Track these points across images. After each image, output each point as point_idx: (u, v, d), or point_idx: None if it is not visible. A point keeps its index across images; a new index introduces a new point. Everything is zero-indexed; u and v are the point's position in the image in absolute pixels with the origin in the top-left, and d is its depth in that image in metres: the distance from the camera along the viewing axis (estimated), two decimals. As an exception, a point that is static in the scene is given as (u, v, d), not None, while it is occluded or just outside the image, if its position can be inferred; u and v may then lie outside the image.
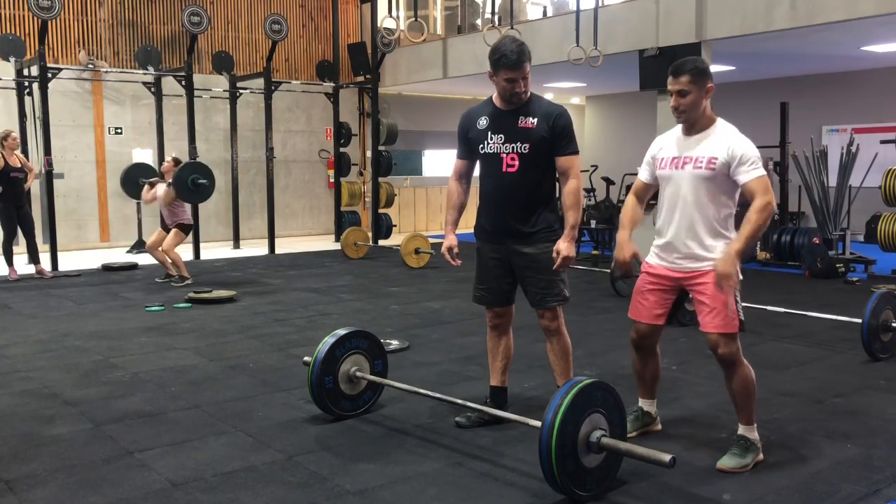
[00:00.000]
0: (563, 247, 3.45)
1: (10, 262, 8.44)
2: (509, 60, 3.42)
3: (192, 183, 8.15)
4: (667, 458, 2.70)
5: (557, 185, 3.68)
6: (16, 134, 8.47)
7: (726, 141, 3.20)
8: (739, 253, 3.05)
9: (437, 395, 3.67)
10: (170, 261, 8.13)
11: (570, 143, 3.52)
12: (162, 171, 8.40)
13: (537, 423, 2.87)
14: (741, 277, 3.13)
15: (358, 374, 3.82)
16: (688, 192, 3.24)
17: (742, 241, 3.06)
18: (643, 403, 3.62)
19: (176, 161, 8.31)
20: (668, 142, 3.38)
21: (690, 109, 3.22)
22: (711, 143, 3.22)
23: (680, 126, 3.34)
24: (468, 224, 3.79)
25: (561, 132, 3.49)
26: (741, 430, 3.27)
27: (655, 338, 3.47)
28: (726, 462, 3.19)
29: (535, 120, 3.49)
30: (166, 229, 8.08)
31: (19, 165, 8.29)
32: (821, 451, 3.39)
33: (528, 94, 3.55)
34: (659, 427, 3.66)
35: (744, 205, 3.19)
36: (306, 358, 3.83)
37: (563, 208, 3.54)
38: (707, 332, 3.21)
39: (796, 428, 3.69)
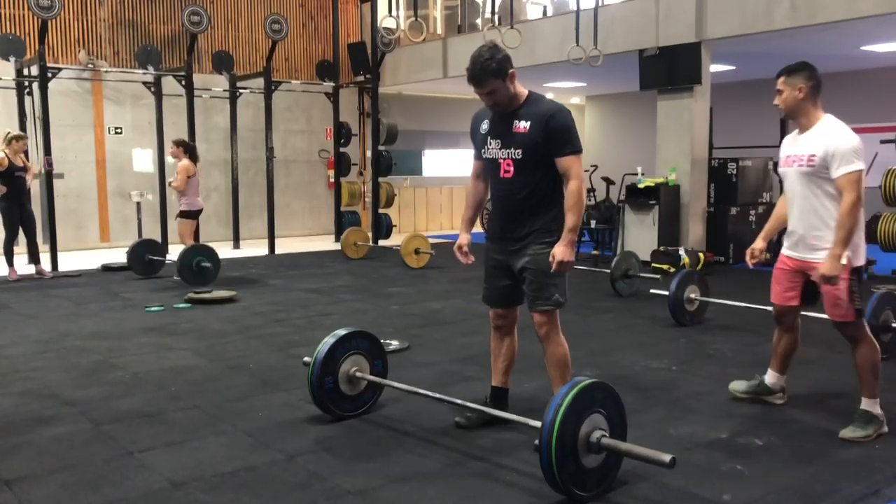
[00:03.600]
0: (559, 251, 3.35)
1: (10, 262, 8.46)
2: (469, 75, 3.34)
3: (196, 266, 7.83)
4: (667, 458, 2.70)
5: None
6: (26, 138, 8.58)
7: (824, 137, 3.51)
8: (836, 256, 3.40)
9: (437, 395, 3.67)
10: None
11: (566, 143, 3.35)
12: (172, 156, 8.46)
13: (537, 424, 2.87)
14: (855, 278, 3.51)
15: (358, 374, 3.82)
16: (798, 187, 3.61)
17: (838, 245, 3.39)
18: (769, 375, 4.01)
19: (178, 143, 8.36)
20: (788, 141, 3.76)
21: (786, 107, 3.62)
22: (812, 141, 3.56)
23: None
24: (458, 225, 3.78)
25: (555, 133, 3.34)
26: (863, 403, 3.56)
27: (791, 317, 3.87)
28: (848, 432, 3.48)
29: (528, 124, 3.37)
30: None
31: (22, 165, 8.38)
32: (821, 451, 3.39)
33: (521, 97, 3.42)
34: (780, 402, 4.00)
35: None
36: (306, 358, 3.83)
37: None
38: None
39: (796, 428, 3.69)
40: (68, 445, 3.49)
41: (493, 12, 11.36)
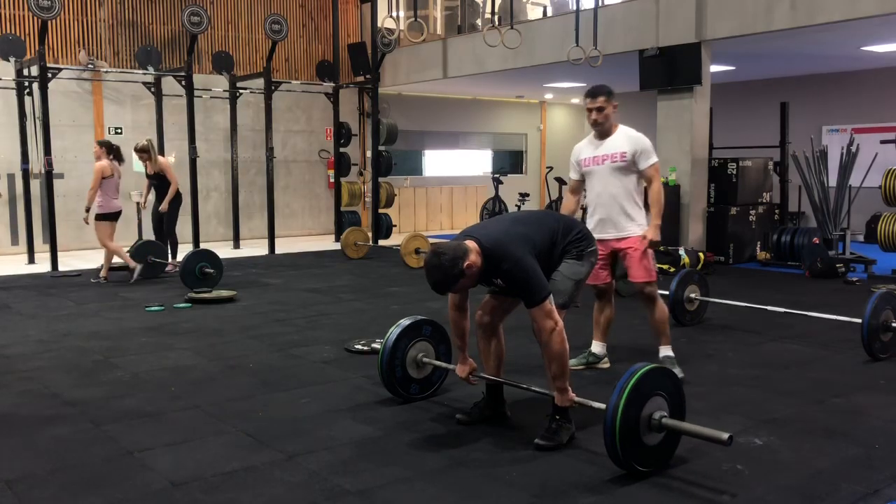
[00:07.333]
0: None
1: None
2: (434, 288, 3.35)
3: (199, 272, 7.76)
4: (725, 436, 2.91)
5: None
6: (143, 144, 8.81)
7: (630, 139, 4.48)
8: (658, 225, 4.42)
9: (502, 379, 3.81)
10: (117, 259, 8.30)
11: (529, 296, 3.35)
12: (95, 156, 8.24)
13: (601, 406, 3.13)
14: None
15: (424, 359, 4.03)
16: (607, 178, 4.50)
17: (658, 217, 4.42)
18: (595, 345, 4.74)
19: (101, 143, 8.30)
20: (585, 146, 4.60)
21: (606, 119, 4.45)
22: (619, 142, 4.46)
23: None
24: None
25: (516, 287, 3.44)
26: (663, 352, 4.54)
27: (609, 293, 4.64)
28: None
29: (501, 281, 3.46)
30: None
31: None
32: (821, 451, 3.39)
33: (479, 265, 3.32)
34: (606, 366, 4.70)
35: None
36: (375, 345, 4.10)
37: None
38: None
39: (796, 428, 3.69)
40: (68, 445, 3.49)
41: (493, 12, 11.37)
